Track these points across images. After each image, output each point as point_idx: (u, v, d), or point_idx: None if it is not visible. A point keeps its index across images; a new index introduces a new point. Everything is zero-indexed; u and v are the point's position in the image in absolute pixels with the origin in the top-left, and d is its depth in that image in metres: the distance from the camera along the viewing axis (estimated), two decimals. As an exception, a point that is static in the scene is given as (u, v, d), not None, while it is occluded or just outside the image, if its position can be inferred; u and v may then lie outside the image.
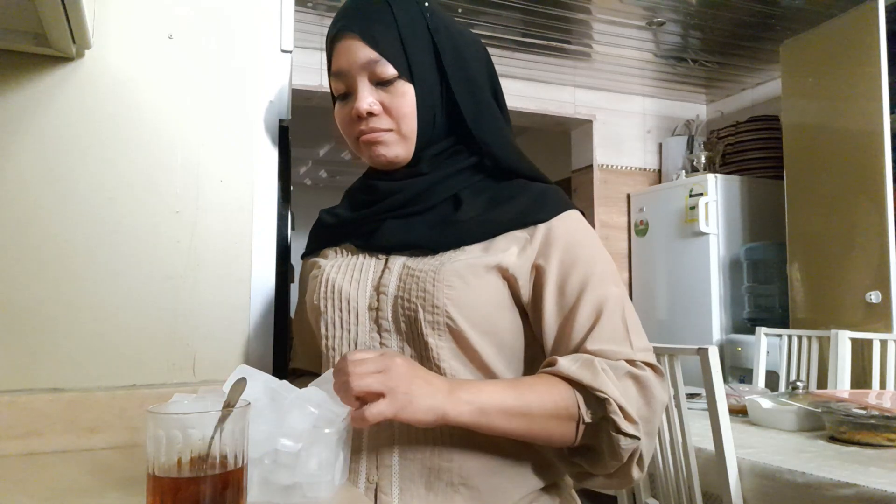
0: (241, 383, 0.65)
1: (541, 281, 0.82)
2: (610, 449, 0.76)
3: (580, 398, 0.76)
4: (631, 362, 0.78)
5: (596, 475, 0.82)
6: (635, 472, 0.79)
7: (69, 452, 0.90)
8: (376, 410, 0.67)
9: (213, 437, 0.59)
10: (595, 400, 0.76)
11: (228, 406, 0.61)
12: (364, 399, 0.69)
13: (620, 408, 0.75)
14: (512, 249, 0.82)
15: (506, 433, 0.76)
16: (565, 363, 0.77)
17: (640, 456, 0.77)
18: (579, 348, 0.80)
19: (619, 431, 0.75)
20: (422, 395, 0.70)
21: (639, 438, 0.75)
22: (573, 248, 0.83)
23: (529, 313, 0.84)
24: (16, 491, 0.73)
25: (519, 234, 0.84)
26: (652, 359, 0.81)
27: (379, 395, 0.68)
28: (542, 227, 0.84)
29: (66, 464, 0.85)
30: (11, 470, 0.82)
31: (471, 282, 0.79)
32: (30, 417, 0.90)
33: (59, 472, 0.82)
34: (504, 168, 0.88)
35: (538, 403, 0.75)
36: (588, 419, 0.76)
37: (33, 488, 0.75)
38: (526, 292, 0.83)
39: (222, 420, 0.59)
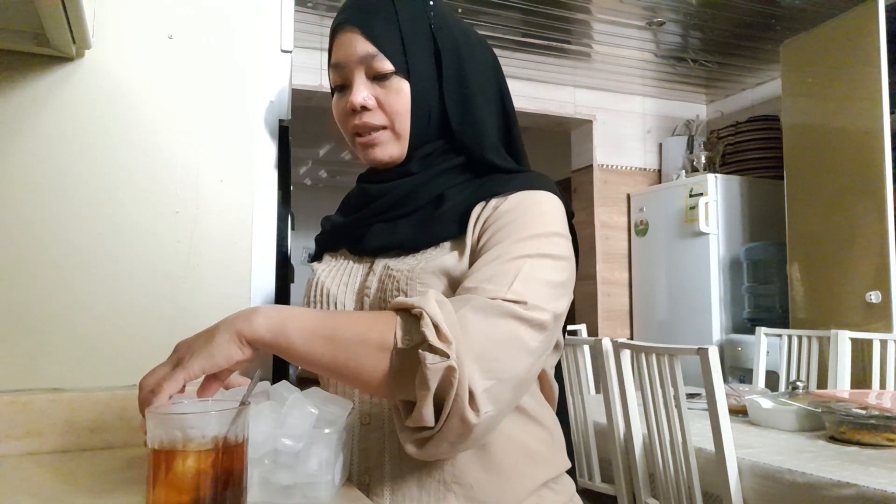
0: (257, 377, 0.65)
1: (481, 248, 0.78)
2: (420, 375, 0.63)
3: (399, 321, 0.67)
4: (490, 298, 0.69)
5: (427, 437, 0.66)
6: (470, 416, 0.63)
7: (69, 452, 0.90)
8: (172, 381, 0.64)
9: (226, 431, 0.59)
10: (414, 322, 0.66)
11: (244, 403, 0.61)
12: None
13: (435, 324, 0.64)
14: (470, 229, 0.80)
15: (308, 358, 0.67)
16: (403, 297, 0.71)
17: (473, 393, 0.64)
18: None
19: (428, 348, 0.63)
20: (205, 342, 0.66)
21: (448, 356, 0.62)
22: (516, 213, 0.78)
23: None
24: (16, 491, 0.73)
25: (478, 208, 0.81)
26: (527, 299, 0.69)
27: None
28: (496, 199, 0.81)
29: (66, 464, 0.85)
30: (11, 470, 0.82)
31: (444, 278, 0.79)
32: (30, 417, 0.90)
33: (59, 472, 0.82)
34: (489, 168, 0.87)
35: (348, 327, 0.67)
36: (402, 344, 0.66)
37: (33, 488, 0.75)
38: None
39: (238, 416, 0.60)
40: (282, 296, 1.07)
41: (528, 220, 0.78)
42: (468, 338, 0.65)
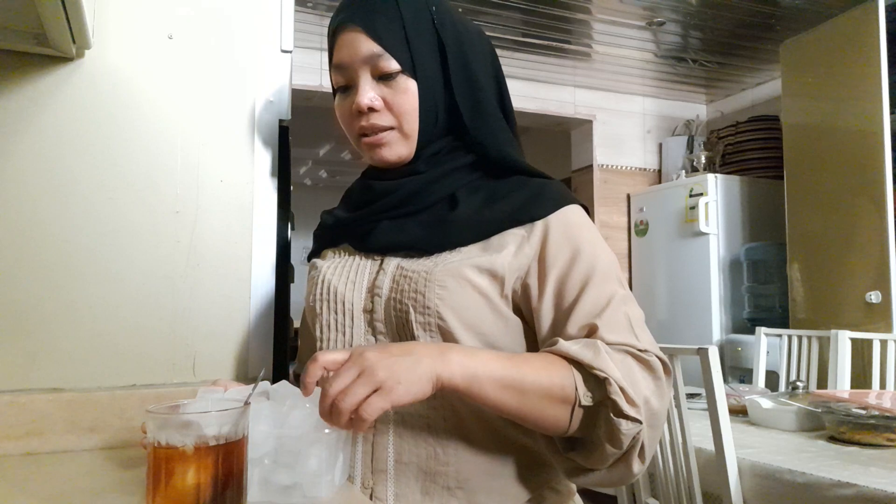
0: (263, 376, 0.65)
1: (541, 279, 0.79)
2: (609, 435, 0.70)
3: (578, 378, 0.71)
4: (639, 350, 0.74)
5: (593, 470, 0.74)
6: (636, 465, 0.72)
7: (69, 452, 0.90)
8: (373, 408, 0.63)
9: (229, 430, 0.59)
10: (594, 381, 0.70)
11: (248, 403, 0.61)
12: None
13: (622, 389, 0.69)
14: (509, 248, 0.80)
15: (496, 406, 0.70)
16: (566, 343, 0.73)
17: (643, 446, 0.71)
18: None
19: (620, 414, 0.68)
20: (409, 371, 0.65)
21: (640, 423, 0.69)
22: (573, 246, 0.80)
23: (526, 313, 0.82)
24: (16, 491, 0.73)
25: (517, 232, 0.81)
26: (659, 352, 0.76)
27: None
28: (539, 224, 0.81)
29: (66, 464, 0.85)
30: (11, 470, 0.82)
31: (463, 283, 0.77)
32: (30, 417, 0.90)
33: (59, 472, 0.82)
34: (501, 166, 0.86)
35: (533, 378, 0.70)
36: (585, 401, 0.70)
37: (33, 488, 0.75)
38: (521, 293, 0.80)
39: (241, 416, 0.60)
40: (281, 296, 1.07)
41: (593, 248, 0.81)
42: (640, 394, 0.71)
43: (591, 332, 0.75)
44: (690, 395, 2.08)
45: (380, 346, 0.68)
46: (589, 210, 0.87)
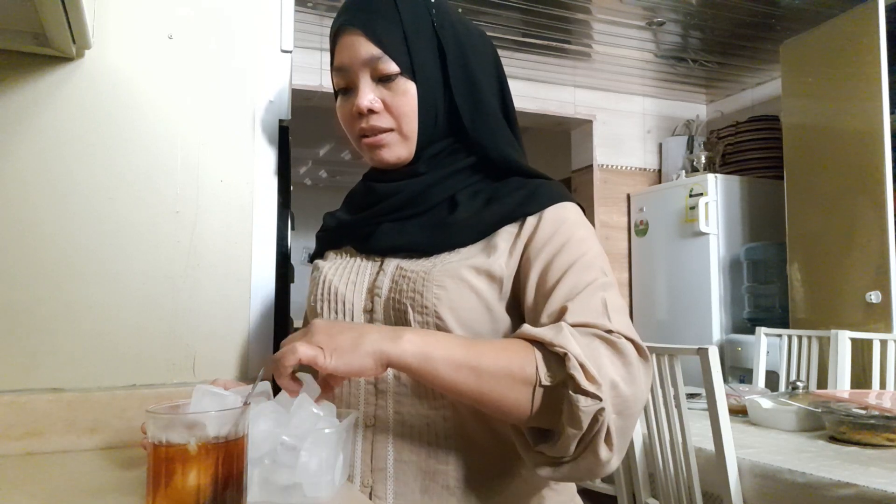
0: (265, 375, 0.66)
1: (526, 269, 0.79)
2: (569, 414, 0.66)
3: (539, 357, 0.69)
4: (608, 331, 0.71)
5: (561, 461, 0.70)
6: (603, 452, 0.68)
7: (69, 452, 0.90)
8: (324, 361, 0.65)
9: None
10: (555, 359, 0.68)
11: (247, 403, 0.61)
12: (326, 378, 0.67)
13: (581, 364, 0.66)
14: (503, 247, 0.80)
15: (453, 387, 0.69)
16: (529, 326, 0.72)
17: (609, 432, 0.67)
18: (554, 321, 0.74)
19: (579, 389, 0.65)
20: (350, 343, 0.66)
21: (600, 400, 0.66)
22: (562, 238, 0.79)
23: (519, 305, 0.81)
24: (16, 491, 0.73)
25: (509, 229, 0.82)
26: (634, 336, 0.72)
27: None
28: (531, 220, 0.81)
29: (66, 464, 0.85)
30: (11, 470, 0.82)
31: (461, 283, 0.78)
32: (30, 417, 0.90)
33: (59, 472, 0.82)
34: (502, 167, 0.87)
35: (491, 359, 0.68)
36: (546, 381, 0.68)
37: (33, 488, 0.75)
38: (515, 288, 0.81)
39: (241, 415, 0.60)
40: (282, 296, 1.07)
41: (581, 241, 0.80)
42: (606, 376, 0.67)
43: (561, 314, 0.73)
44: (690, 395, 2.08)
45: (332, 320, 0.72)
46: (585, 210, 0.87)
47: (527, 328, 0.71)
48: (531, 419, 0.71)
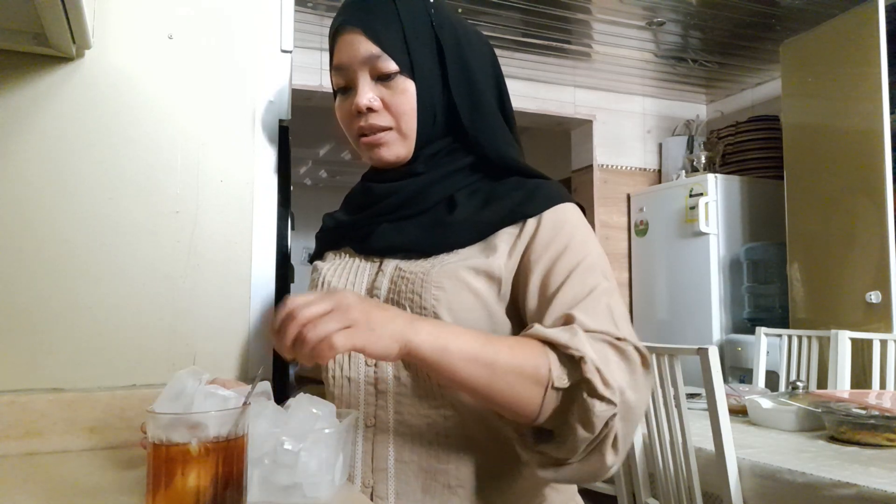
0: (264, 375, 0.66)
1: (529, 273, 0.79)
2: (582, 417, 0.67)
3: (553, 359, 0.69)
4: (618, 339, 0.72)
5: (566, 463, 0.71)
6: (610, 457, 0.69)
7: (69, 452, 0.90)
8: (339, 342, 0.61)
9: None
10: (569, 362, 0.69)
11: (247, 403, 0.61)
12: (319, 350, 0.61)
13: (597, 369, 0.67)
14: (503, 249, 0.80)
15: (465, 381, 0.68)
16: (541, 326, 0.72)
17: (616, 438, 0.68)
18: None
19: (595, 394, 0.66)
20: (383, 323, 0.64)
21: (615, 405, 0.67)
22: (563, 241, 0.79)
23: (521, 311, 0.81)
24: (16, 491, 0.73)
25: (509, 231, 0.81)
26: (639, 344, 0.74)
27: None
28: (531, 221, 0.81)
29: (66, 464, 0.85)
30: (11, 470, 0.82)
31: (460, 284, 0.78)
32: (30, 417, 0.90)
33: (59, 472, 0.82)
34: (500, 166, 0.87)
35: (506, 356, 0.68)
36: (559, 384, 0.68)
37: (33, 488, 0.75)
38: (514, 290, 0.81)
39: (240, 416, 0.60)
40: (281, 296, 1.07)
41: (582, 243, 0.80)
42: (616, 382, 0.68)
43: (568, 320, 0.73)
44: (690, 395, 2.08)
45: (358, 293, 0.69)
46: (585, 210, 0.87)
47: (540, 329, 0.71)
48: (538, 420, 0.71)
